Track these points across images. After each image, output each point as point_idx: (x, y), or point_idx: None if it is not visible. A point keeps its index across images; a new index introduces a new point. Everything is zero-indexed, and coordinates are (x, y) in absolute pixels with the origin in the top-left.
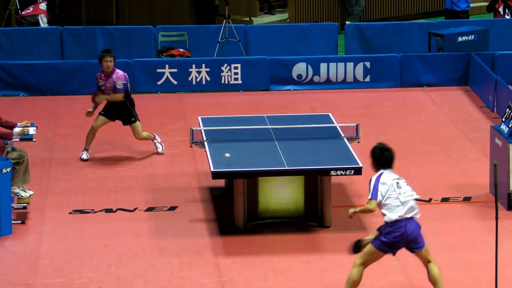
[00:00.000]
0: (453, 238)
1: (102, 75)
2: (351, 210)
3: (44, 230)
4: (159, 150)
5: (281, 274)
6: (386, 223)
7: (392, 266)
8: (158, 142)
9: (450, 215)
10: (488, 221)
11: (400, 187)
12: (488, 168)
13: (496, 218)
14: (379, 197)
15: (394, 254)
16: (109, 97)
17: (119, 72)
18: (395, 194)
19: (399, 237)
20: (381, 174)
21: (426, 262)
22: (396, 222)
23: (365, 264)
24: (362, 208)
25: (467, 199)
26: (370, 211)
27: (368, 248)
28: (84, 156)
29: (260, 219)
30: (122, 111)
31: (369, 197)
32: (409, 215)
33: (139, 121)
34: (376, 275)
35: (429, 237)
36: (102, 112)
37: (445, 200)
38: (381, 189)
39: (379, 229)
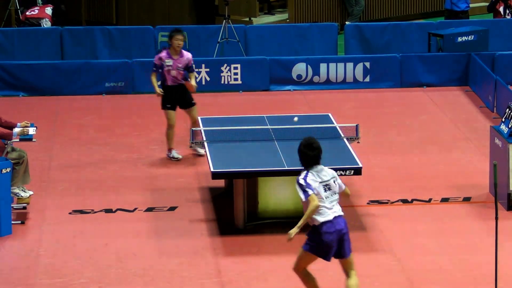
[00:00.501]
0: (453, 238)
1: (170, 55)
2: (293, 230)
3: (44, 230)
4: (178, 156)
5: (281, 274)
6: (315, 226)
7: (392, 266)
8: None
9: (450, 215)
10: (488, 221)
11: (328, 189)
12: (488, 168)
13: (496, 218)
14: (316, 192)
15: (328, 259)
16: (192, 80)
17: (188, 53)
18: (323, 198)
19: (334, 234)
20: (306, 174)
21: (349, 270)
22: (327, 222)
23: (302, 268)
24: (307, 213)
25: (467, 199)
26: (316, 207)
27: (300, 252)
28: (175, 154)
29: (260, 219)
30: (184, 94)
31: (306, 196)
32: (337, 214)
33: None
34: (376, 275)
35: (429, 237)
36: (169, 106)
37: (445, 200)
38: (314, 186)
39: (309, 233)
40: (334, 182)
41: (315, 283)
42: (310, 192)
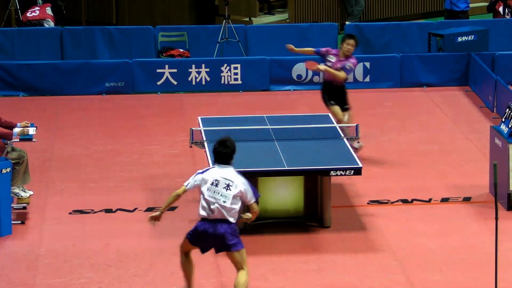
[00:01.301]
0: (453, 238)
1: (338, 55)
2: (155, 214)
3: (44, 230)
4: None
5: (281, 274)
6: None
7: (392, 266)
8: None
9: (450, 215)
10: (488, 221)
11: (216, 186)
12: (488, 168)
13: (496, 218)
14: (189, 186)
15: (202, 250)
16: (334, 72)
17: (355, 60)
18: (207, 193)
19: (203, 232)
20: (207, 169)
21: (239, 268)
22: (202, 218)
23: (183, 251)
24: (168, 198)
25: (467, 199)
26: (173, 195)
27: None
28: (357, 145)
29: (260, 219)
30: (342, 97)
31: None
32: (212, 217)
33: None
34: (376, 275)
35: (429, 237)
36: (333, 102)
37: (445, 200)
38: (196, 178)
39: None
40: (228, 186)
41: (189, 269)
42: (185, 183)
